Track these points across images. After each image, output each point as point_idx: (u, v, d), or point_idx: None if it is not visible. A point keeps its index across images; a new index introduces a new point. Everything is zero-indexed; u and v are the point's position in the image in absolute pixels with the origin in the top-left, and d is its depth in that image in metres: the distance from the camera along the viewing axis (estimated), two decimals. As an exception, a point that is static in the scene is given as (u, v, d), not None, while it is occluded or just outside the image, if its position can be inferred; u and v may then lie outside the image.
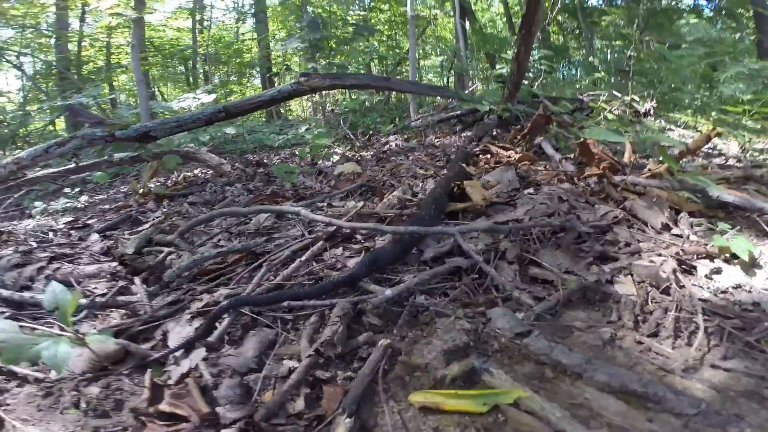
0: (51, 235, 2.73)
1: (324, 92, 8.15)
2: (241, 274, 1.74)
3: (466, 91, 7.09)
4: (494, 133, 4.90)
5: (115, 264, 2.00)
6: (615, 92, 5.21)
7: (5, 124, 7.32)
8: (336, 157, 4.67)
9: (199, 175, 4.72)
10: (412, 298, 1.39)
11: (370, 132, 6.30)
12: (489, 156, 3.68)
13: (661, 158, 2.43)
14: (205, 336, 1.25)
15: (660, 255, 1.59)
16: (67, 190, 4.08)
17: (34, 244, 2.40)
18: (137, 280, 1.73)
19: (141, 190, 3.78)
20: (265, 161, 4.87)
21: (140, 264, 1.87)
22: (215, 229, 2.37)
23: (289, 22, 8.81)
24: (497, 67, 7.92)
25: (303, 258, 1.72)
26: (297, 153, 5.06)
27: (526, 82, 5.77)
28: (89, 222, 3.13)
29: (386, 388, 1.01)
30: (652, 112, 4.49)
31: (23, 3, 8.09)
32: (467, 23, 8.51)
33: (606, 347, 1.16)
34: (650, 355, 1.13)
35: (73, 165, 4.23)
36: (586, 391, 0.98)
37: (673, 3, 8.57)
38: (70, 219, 3.23)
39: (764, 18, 7.88)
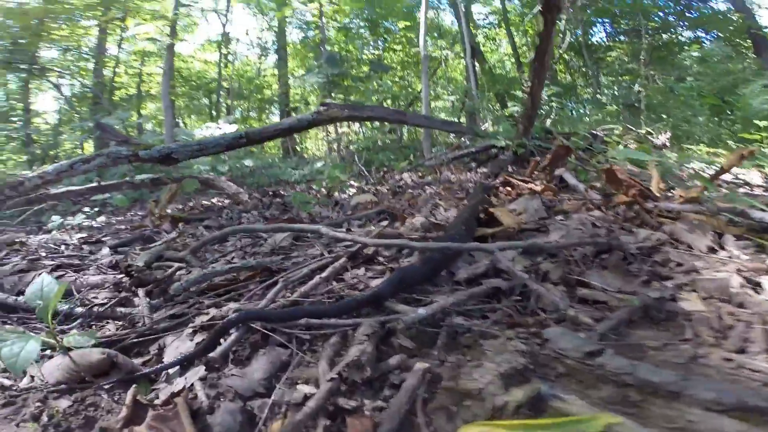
0: (63, 248, 2.57)
1: (338, 130, 8.23)
2: (254, 291, 1.54)
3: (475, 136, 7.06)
4: (509, 169, 4.75)
5: (121, 276, 1.81)
6: (629, 126, 5.08)
7: (38, 144, 7.41)
8: (352, 190, 4.54)
9: (216, 203, 4.61)
10: (449, 319, 1.17)
11: (384, 169, 6.21)
12: (510, 188, 3.51)
13: (690, 183, 2.25)
14: (207, 352, 1.04)
15: (719, 272, 1.46)
16: (86, 209, 3.97)
17: (44, 254, 2.24)
18: (141, 291, 1.53)
19: (158, 213, 3.65)
20: (281, 192, 4.76)
21: (147, 276, 1.68)
22: (229, 248, 2.18)
23: (308, 60, 9.02)
24: (508, 105, 7.94)
25: (323, 275, 1.52)
26: (313, 186, 4.95)
27: (537, 119, 5.70)
28: (104, 239, 2.98)
29: (428, 421, 0.79)
30: (668, 144, 4.33)
31: (69, 24, 8.40)
32: (476, 64, 8.63)
33: (691, 365, 0.98)
34: (745, 372, 0.93)
35: (95, 184, 4.15)
36: (689, 412, 0.79)
37: (673, 37, 8.59)
38: (85, 235, 3.09)
39: (762, 44, 7.87)
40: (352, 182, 4.86)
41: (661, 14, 8.56)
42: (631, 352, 1.05)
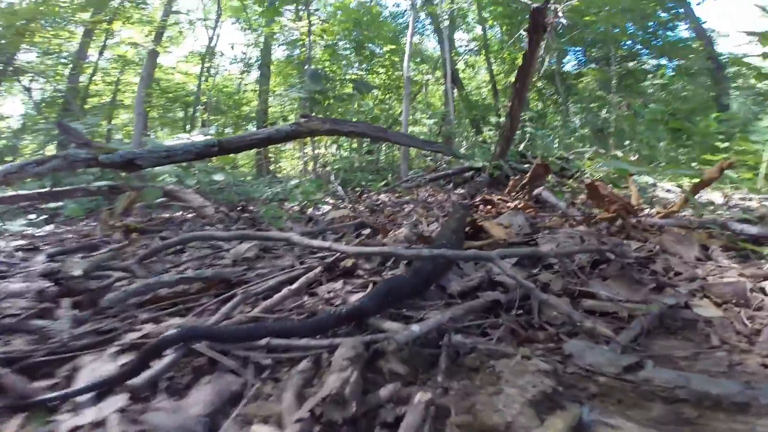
0: (-10, 255, 2.18)
1: (314, 150, 8.04)
2: (206, 305, 1.26)
3: (453, 157, 7.03)
4: (485, 191, 4.66)
5: (49, 284, 1.49)
6: (599, 149, 5.13)
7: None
8: (327, 207, 4.29)
9: (180, 216, 4.24)
10: (446, 337, 0.94)
11: (361, 189, 6.01)
12: (490, 206, 3.37)
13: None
14: (132, 377, 0.76)
15: (724, 278, 1.44)
16: (32, 216, 3.53)
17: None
18: (66, 302, 1.22)
19: (112, 222, 3.27)
20: (251, 207, 4.44)
21: (77, 285, 1.37)
22: (184, 258, 1.88)
23: (291, 77, 8.88)
24: (483, 131, 8.02)
25: (293, 287, 1.26)
26: (287, 203, 4.67)
27: (512, 143, 5.69)
28: (43, 247, 2.59)
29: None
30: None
31: (54, 27, 7.94)
32: (455, 90, 8.73)
33: (732, 373, 0.87)
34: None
35: (47, 189, 3.72)
36: (761, 425, 0.66)
37: (639, 65, 9.03)
38: (24, 242, 2.69)
39: (720, 73, 8.27)
40: (327, 199, 4.61)
41: (630, 42, 8.94)
42: (662, 364, 0.90)
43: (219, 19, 10.44)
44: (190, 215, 4.08)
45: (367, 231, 2.52)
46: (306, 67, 7.20)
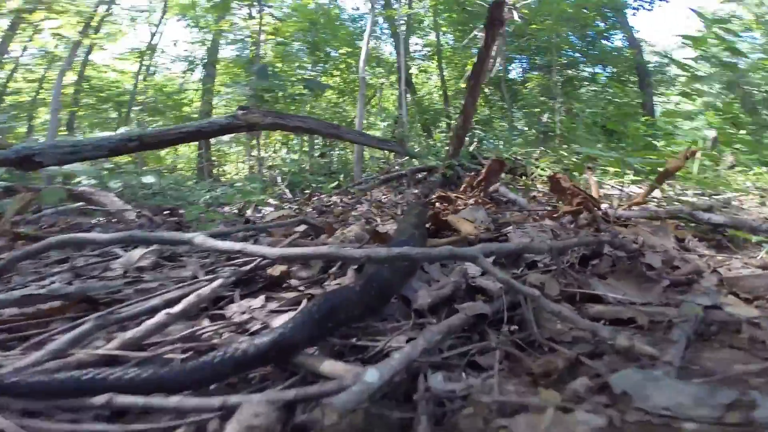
0: None
1: (260, 152, 7.46)
2: (53, 333, 0.80)
3: (407, 157, 6.78)
4: (439, 191, 4.42)
5: None
6: (546, 150, 5.09)
7: None
8: (269, 209, 3.81)
9: (94, 222, 3.57)
10: (422, 381, 0.56)
11: (311, 191, 5.54)
12: (446, 204, 3.07)
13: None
14: None
15: (730, 270, 1.29)
16: None
17: None
18: None
19: (6, 227, 2.60)
20: (180, 211, 3.85)
21: None
22: (57, 269, 1.37)
23: (239, 77, 8.22)
24: (434, 135, 7.89)
25: (178, 309, 0.82)
26: (226, 207, 4.12)
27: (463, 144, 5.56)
28: None
29: None
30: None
31: None
32: (408, 95, 8.54)
33: None
34: None
35: None
36: None
37: (577, 73, 9.35)
38: None
39: (645, 79, 8.79)
40: (270, 200, 4.12)
41: (570, 52, 9.29)
42: (732, 386, 0.59)
43: (164, 16, 9.54)
44: (104, 220, 3.44)
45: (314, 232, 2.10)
46: (254, 64, 6.64)
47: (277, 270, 1.11)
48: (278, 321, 0.91)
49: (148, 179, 5.13)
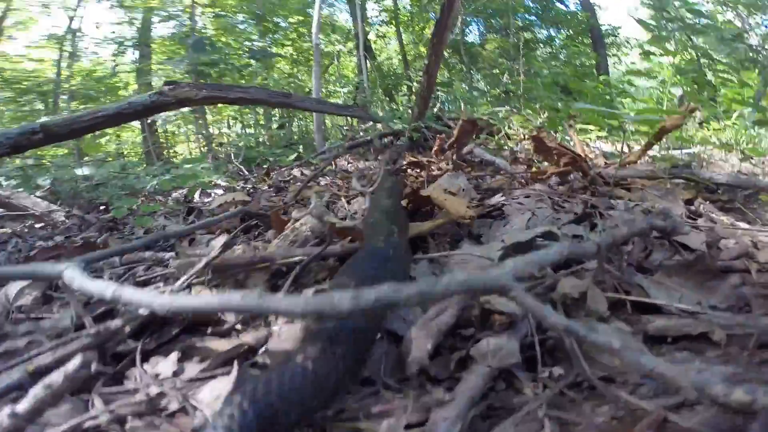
0: None
1: (210, 130, 6.74)
2: None
3: (371, 123, 6.29)
4: (407, 155, 4.03)
5: None
6: (512, 109, 4.78)
7: None
8: (219, 192, 3.31)
9: (17, 229, 2.98)
10: None
11: (268, 166, 5.00)
12: (419, 170, 2.69)
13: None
14: None
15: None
16: None
17: None
18: None
19: None
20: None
21: None
22: None
23: (177, 54, 7.28)
24: (396, 99, 7.43)
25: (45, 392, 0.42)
26: (176, 186, 3.59)
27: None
28: None
29: None
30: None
31: None
32: (368, 60, 7.92)
33: None
34: None
35: None
36: None
37: (532, 35, 9.22)
38: None
39: (599, 41, 8.79)
40: (220, 182, 3.59)
41: (526, 15, 9.05)
42: None
43: (81, -1, 8.26)
44: (28, 225, 2.87)
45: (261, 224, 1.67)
46: (190, 38, 5.79)
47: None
48: (201, 395, 0.54)
49: (83, 171, 4.46)
